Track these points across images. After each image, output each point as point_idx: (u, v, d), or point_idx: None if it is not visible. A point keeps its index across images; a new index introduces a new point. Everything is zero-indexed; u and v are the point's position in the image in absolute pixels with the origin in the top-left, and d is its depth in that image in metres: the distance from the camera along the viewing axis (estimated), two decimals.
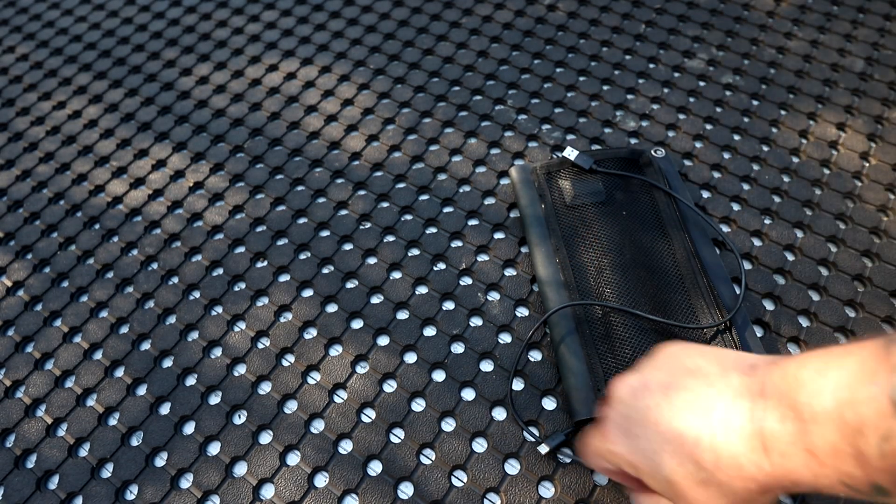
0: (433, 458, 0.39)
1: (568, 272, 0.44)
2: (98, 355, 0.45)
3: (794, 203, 0.50)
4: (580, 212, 0.47)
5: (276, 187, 0.53)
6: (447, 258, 0.48)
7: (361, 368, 0.43)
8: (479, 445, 0.40)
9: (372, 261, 0.48)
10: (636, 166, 0.49)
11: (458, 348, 0.44)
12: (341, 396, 0.42)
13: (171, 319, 0.46)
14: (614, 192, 0.48)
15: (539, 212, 0.48)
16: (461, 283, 0.47)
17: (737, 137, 0.54)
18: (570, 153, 0.49)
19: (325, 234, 0.50)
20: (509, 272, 0.47)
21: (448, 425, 0.41)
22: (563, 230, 0.46)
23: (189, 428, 0.42)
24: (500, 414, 0.41)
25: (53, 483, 0.40)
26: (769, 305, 0.45)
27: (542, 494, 0.38)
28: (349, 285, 0.47)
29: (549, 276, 0.44)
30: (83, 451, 0.41)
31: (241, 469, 0.40)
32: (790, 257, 0.47)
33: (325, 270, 0.48)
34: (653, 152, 0.51)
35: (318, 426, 0.41)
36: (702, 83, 0.59)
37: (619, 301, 0.42)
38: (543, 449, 0.38)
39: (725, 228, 0.49)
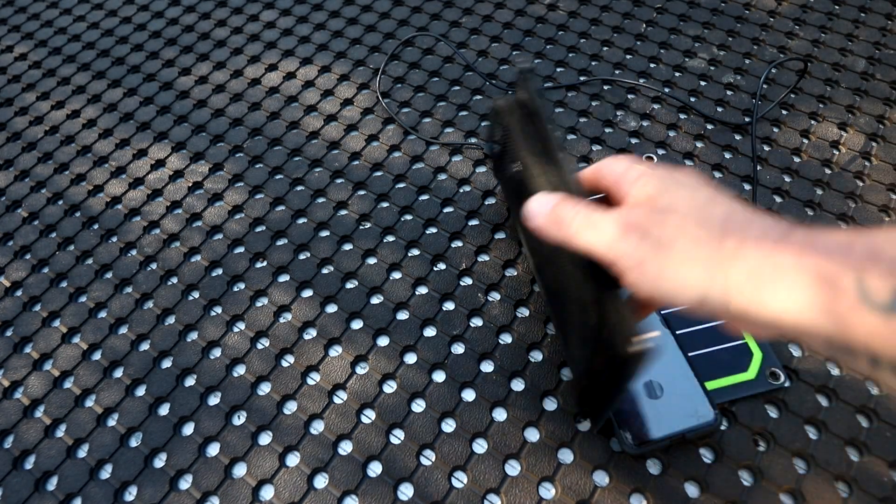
0: (433, 459, 0.39)
1: None
2: (97, 356, 0.45)
3: (796, 203, 0.50)
4: None
5: (275, 187, 0.53)
6: (447, 258, 0.48)
7: (361, 369, 0.43)
8: (480, 446, 0.40)
9: (372, 261, 0.48)
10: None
11: (458, 349, 0.44)
12: (341, 397, 0.42)
13: (171, 320, 0.46)
14: None
15: None
16: (461, 283, 0.47)
17: (738, 137, 0.54)
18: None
19: (324, 234, 0.50)
20: (509, 272, 0.47)
21: (448, 426, 0.40)
22: None
23: (188, 429, 0.41)
24: (500, 415, 0.41)
25: (52, 484, 0.40)
26: None
27: (543, 496, 0.38)
28: (349, 285, 0.47)
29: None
30: (82, 452, 0.41)
31: (240, 470, 0.39)
32: None
33: (325, 271, 0.48)
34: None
35: (317, 427, 0.41)
36: (703, 83, 0.58)
37: None
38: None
39: None
